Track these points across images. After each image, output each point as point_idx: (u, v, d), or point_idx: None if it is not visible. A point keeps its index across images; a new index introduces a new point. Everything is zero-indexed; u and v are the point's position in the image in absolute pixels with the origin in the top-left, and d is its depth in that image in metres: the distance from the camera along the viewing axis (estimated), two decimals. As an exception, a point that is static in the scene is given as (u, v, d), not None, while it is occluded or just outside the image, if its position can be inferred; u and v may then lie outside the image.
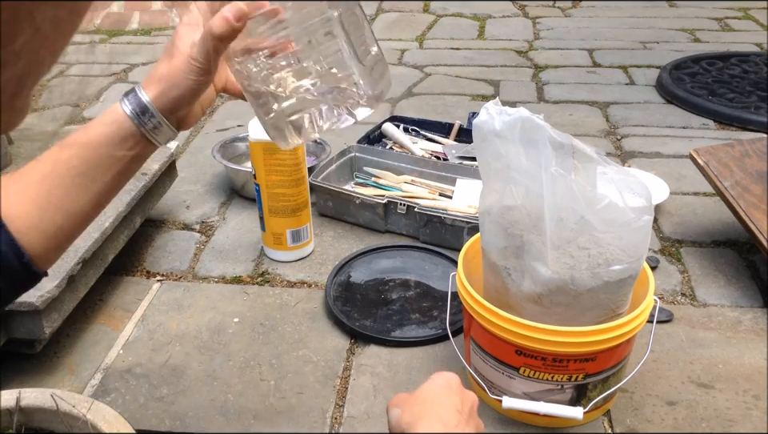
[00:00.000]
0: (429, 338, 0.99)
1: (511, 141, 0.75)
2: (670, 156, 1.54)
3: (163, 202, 1.31)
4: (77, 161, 0.58)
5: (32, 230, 0.57)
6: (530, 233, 0.77)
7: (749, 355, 0.96)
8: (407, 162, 1.38)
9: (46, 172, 0.58)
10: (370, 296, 1.09)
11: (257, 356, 0.97)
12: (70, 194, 0.58)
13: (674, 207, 1.33)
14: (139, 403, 0.89)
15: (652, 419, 0.86)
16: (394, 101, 1.89)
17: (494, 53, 2.28)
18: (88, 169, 0.58)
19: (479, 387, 0.86)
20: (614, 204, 0.74)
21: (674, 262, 1.17)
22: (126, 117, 0.58)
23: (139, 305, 1.08)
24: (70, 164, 0.58)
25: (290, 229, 1.15)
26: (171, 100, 0.59)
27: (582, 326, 0.76)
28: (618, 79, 2.03)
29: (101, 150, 0.58)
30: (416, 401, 0.60)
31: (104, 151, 0.58)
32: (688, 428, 0.85)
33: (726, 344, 0.98)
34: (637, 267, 0.77)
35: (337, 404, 0.89)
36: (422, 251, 1.19)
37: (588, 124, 1.72)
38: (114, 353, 0.98)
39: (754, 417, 0.86)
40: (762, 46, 2.31)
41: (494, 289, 0.84)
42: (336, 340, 1.00)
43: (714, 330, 1.01)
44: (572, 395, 0.81)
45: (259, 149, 1.10)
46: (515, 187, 0.77)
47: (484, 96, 1.91)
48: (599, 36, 2.43)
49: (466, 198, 1.27)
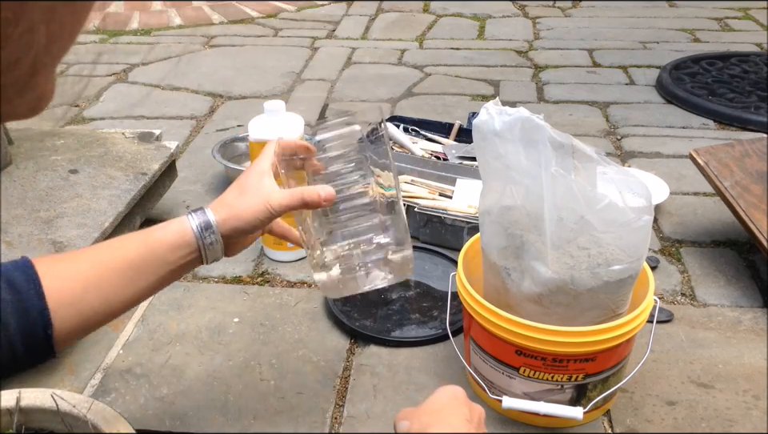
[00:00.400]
0: (429, 338, 0.99)
1: (511, 141, 0.75)
2: (669, 156, 1.54)
3: (163, 202, 1.31)
4: (134, 255, 0.63)
5: (69, 307, 0.58)
6: (529, 233, 0.77)
7: (749, 355, 0.96)
8: (407, 162, 1.38)
9: (103, 259, 0.62)
10: (370, 296, 1.09)
11: (257, 356, 0.97)
12: (117, 285, 0.62)
13: (674, 207, 1.33)
14: (139, 404, 0.89)
15: (652, 419, 0.86)
16: (394, 101, 1.89)
17: (493, 53, 2.28)
18: (142, 265, 0.63)
19: (479, 387, 0.86)
20: (613, 204, 0.74)
21: (673, 262, 1.17)
22: (191, 229, 0.65)
23: (139, 305, 1.08)
24: (127, 257, 0.63)
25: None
26: (232, 228, 0.67)
27: (582, 326, 0.76)
28: (618, 79, 2.03)
29: (158, 252, 0.64)
30: (424, 412, 0.60)
31: (160, 253, 0.64)
32: (688, 428, 0.85)
33: (726, 344, 0.98)
34: (637, 267, 0.77)
35: (337, 404, 0.89)
36: (421, 250, 1.19)
37: (588, 124, 1.72)
38: (114, 353, 0.98)
39: (753, 417, 0.86)
40: (762, 46, 2.31)
41: (493, 289, 0.84)
42: (336, 340, 1.00)
43: (714, 330, 1.01)
44: (572, 395, 0.81)
45: (259, 149, 1.09)
46: (515, 187, 0.77)
47: (484, 96, 1.91)
48: (599, 36, 2.43)
49: (466, 198, 1.27)
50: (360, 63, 2.20)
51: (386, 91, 1.96)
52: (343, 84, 2.02)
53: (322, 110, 1.83)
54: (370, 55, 2.28)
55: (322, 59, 2.24)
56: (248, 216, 0.66)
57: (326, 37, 2.48)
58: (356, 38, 2.48)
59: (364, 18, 2.72)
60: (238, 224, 0.67)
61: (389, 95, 1.93)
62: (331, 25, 2.63)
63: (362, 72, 2.12)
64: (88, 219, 1.01)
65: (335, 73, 2.11)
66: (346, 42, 2.42)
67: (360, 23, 2.64)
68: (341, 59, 2.23)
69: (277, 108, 1.09)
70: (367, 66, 2.18)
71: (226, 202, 0.68)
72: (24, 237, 0.97)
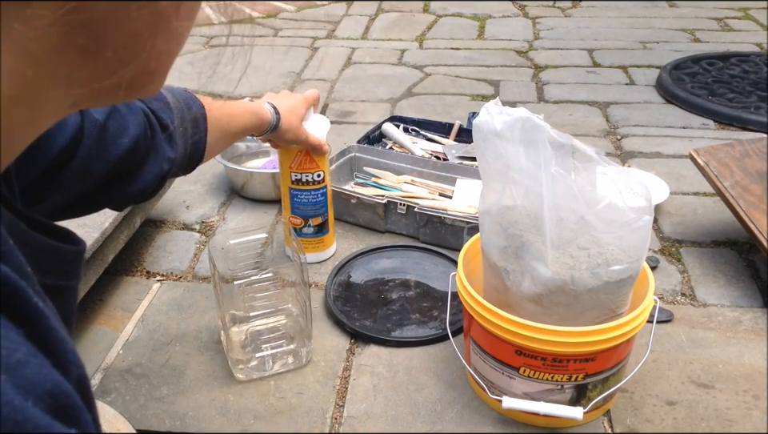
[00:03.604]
0: (429, 338, 0.99)
1: (511, 141, 0.75)
2: (669, 156, 1.54)
3: (163, 202, 1.31)
4: (242, 130, 0.91)
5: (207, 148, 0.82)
6: (529, 233, 0.77)
7: (749, 355, 0.96)
8: (407, 162, 1.38)
9: (229, 126, 0.87)
10: (370, 296, 1.09)
11: (257, 356, 0.97)
12: (225, 143, 0.89)
13: (673, 207, 1.33)
14: (139, 404, 0.89)
15: (652, 419, 0.86)
16: (394, 101, 1.89)
17: (493, 53, 2.28)
18: (242, 135, 0.93)
19: (479, 387, 0.86)
20: (613, 204, 0.74)
21: (673, 262, 1.17)
22: (269, 120, 0.96)
23: (139, 305, 1.08)
24: (240, 128, 0.90)
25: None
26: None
27: (582, 326, 0.76)
28: (618, 79, 2.03)
29: (250, 129, 0.93)
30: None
31: (250, 129, 0.94)
32: (688, 428, 0.85)
33: (726, 344, 0.98)
34: (637, 267, 0.77)
35: (337, 404, 0.89)
36: (421, 251, 1.19)
37: (588, 124, 1.72)
38: (114, 353, 0.98)
39: (754, 417, 0.86)
40: (762, 46, 2.31)
41: (494, 289, 0.84)
42: (336, 340, 1.00)
43: (713, 330, 1.01)
44: (572, 395, 0.81)
45: (285, 148, 1.09)
46: (515, 187, 0.77)
47: (484, 96, 1.91)
48: (599, 36, 2.43)
49: (466, 198, 1.27)
50: (360, 63, 2.20)
51: (386, 91, 1.96)
52: (343, 84, 2.02)
53: (322, 110, 1.83)
54: (370, 55, 2.28)
55: (321, 59, 2.24)
56: (284, 131, 1.00)
57: (325, 37, 2.49)
58: (356, 38, 2.48)
59: (364, 17, 2.72)
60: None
61: (389, 95, 1.93)
62: (331, 25, 2.63)
63: (362, 72, 2.12)
64: (88, 219, 1.01)
65: (335, 73, 2.11)
66: (346, 42, 2.42)
67: (360, 23, 2.64)
68: (341, 59, 2.23)
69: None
70: (367, 66, 2.18)
71: (281, 106, 0.99)
72: (24, 237, 0.97)
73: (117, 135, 0.63)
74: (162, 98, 0.71)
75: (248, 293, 0.92)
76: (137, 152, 0.65)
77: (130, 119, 0.64)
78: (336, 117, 1.78)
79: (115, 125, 0.63)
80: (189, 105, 0.75)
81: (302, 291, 0.92)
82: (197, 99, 0.78)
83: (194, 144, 0.76)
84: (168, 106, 0.70)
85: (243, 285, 0.91)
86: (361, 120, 1.76)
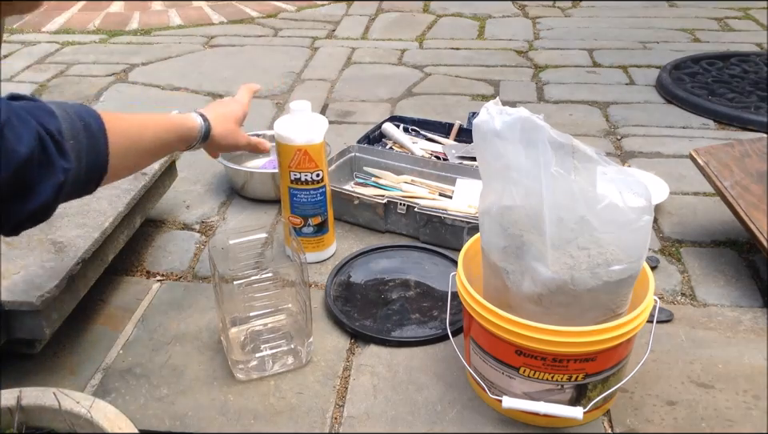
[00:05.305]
0: (429, 338, 0.99)
1: (511, 141, 0.75)
2: (669, 156, 1.54)
3: (163, 202, 1.31)
4: (164, 143, 0.85)
5: (114, 159, 0.75)
6: (529, 233, 0.77)
7: (749, 355, 0.96)
8: (407, 162, 1.38)
9: (145, 137, 0.81)
10: (370, 296, 1.09)
11: (257, 356, 0.97)
12: (144, 156, 0.83)
13: (674, 207, 1.33)
14: (139, 404, 0.89)
15: (652, 419, 0.86)
16: (394, 101, 1.89)
17: (493, 53, 2.28)
18: (164, 150, 0.87)
19: (479, 387, 0.86)
20: (613, 204, 0.74)
21: (673, 262, 1.18)
22: (198, 128, 0.92)
23: (139, 305, 1.08)
24: (160, 141, 0.84)
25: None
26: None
27: (582, 326, 0.76)
28: (618, 79, 2.03)
29: (176, 146, 0.89)
30: None
31: (176, 146, 0.90)
32: (688, 428, 0.85)
33: (726, 344, 0.98)
34: (637, 267, 0.77)
35: (337, 404, 0.89)
36: (421, 251, 1.19)
37: (588, 124, 1.72)
38: (114, 353, 0.98)
39: (754, 417, 0.86)
40: (762, 46, 2.31)
41: (494, 289, 0.84)
42: (336, 340, 1.00)
43: (713, 330, 1.01)
44: (572, 395, 0.81)
45: (285, 149, 1.09)
46: (515, 187, 0.77)
47: (484, 96, 1.91)
48: (599, 36, 2.43)
49: (466, 198, 1.27)
50: (360, 63, 2.20)
51: (386, 91, 1.96)
52: (343, 84, 2.02)
53: (321, 110, 1.83)
54: (370, 55, 2.28)
55: (321, 59, 2.24)
56: (219, 139, 0.97)
57: (325, 37, 2.49)
58: (356, 37, 2.48)
59: (364, 17, 2.72)
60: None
61: (389, 95, 1.93)
62: (331, 25, 2.63)
63: (362, 72, 2.12)
64: (88, 219, 1.01)
65: (335, 73, 2.11)
66: (346, 42, 2.42)
67: (360, 23, 2.64)
68: (341, 59, 2.23)
69: (302, 108, 1.09)
70: (367, 66, 2.18)
71: (211, 114, 0.96)
72: (24, 237, 0.97)
73: (14, 143, 0.60)
74: (44, 108, 0.67)
75: (248, 293, 0.92)
76: (33, 162, 0.62)
77: (24, 131, 0.62)
78: (336, 117, 1.78)
79: (10, 135, 0.60)
80: (81, 116, 0.70)
81: (302, 290, 0.92)
82: (92, 111, 0.73)
83: (90, 155, 0.70)
84: (52, 114, 0.67)
85: (243, 285, 0.91)
86: (361, 120, 1.76)
